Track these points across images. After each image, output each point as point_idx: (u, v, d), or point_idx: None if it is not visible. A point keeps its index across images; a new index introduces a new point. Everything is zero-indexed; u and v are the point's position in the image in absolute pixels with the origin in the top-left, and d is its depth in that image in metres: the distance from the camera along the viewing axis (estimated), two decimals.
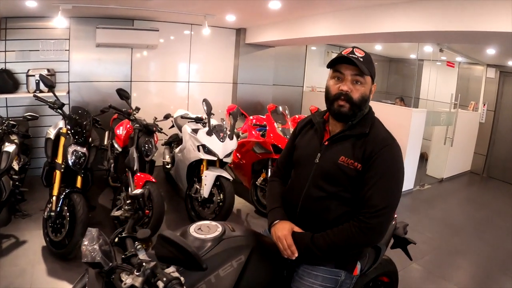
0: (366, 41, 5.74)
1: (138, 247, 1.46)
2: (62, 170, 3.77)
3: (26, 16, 5.53)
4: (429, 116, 6.38)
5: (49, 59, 5.83)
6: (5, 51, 5.55)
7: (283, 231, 1.79)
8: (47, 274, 3.37)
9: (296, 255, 1.74)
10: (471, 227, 5.21)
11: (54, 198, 3.61)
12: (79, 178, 3.89)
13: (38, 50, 5.76)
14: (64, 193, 3.62)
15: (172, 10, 5.35)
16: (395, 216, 2.37)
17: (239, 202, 5.28)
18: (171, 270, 1.33)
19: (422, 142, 6.38)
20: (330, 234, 1.71)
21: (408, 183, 6.43)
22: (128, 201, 1.58)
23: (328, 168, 1.78)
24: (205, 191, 4.27)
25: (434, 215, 5.53)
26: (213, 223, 1.75)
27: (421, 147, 6.40)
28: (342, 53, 1.76)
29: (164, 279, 1.27)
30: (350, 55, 1.72)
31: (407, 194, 6.34)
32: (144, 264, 1.34)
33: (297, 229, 1.82)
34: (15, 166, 4.30)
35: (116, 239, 1.62)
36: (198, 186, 4.44)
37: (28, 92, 5.36)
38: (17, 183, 4.28)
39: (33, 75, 5.36)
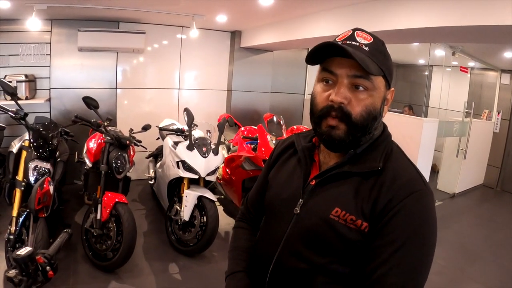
0: None
1: None
2: (22, 189, 3.39)
3: (4, 19, 5.19)
4: (441, 127, 5.88)
5: (29, 64, 5.48)
6: None
7: None
8: None
9: None
10: (489, 253, 4.69)
11: (13, 219, 3.25)
12: None
13: (18, 55, 5.40)
14: (23, 214, 3.24)
15: (157, 9, 4.94)
16: None
17: (227, 223, 4.80)
18: None
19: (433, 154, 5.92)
20: None
21: None
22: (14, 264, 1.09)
23: (313, 226, 1.11)
24: (186, 214, 3.78)
25: (446, 238, 4.99)
26: None
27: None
28: (336, 39, 1.12)
29: None
30: (348, 42, 1.08)
31: None
32: None
33: None
34: None
35: None
36: (178, 207, 3.96)
37: (5, 99, 4.96)
38: None
39: (10, 82, 4.94)
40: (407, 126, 5.64)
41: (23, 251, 1.17)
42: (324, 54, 1.09)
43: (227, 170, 4.68)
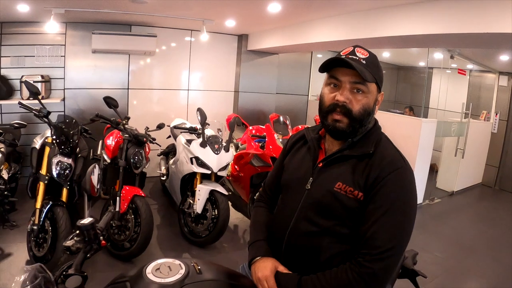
0: (372, 46, 5.47)
1: None
2: (46, 182, 3.61)
3: (21, 21, 5.42)
4: (440, 127, 6.10)
5: (44, 65, 5.71)
6: (0, 56, 5.45)
7: (264, 271, 1.47)
8: None
9: None
10: (485, 246, 4.88)
11: (37, 211, 3.45)
12: (64, 191, 3.70)
13: (34, 56, 5.63)
14: (47, 206, 3.45)
15: (169, 14, 5.17)
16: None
17: (236, 217, 5.04)
18: None
19: (432, 153, 6.09)
20: (322, 278, 1.37)
21: (418, 197, 6.10)
22: (77, 231, 1.30)
23: (321, 197, 1.44)
24: (198, 207, 4.01)
25: (444, 233, 5.21)
26: (176, 262, 1.38)
27: (431, 159, 6.13)
28: (341, 53, 1.44)
29: None
30: (350, 56, 1.40)
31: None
32: None
33: (282, 269, 1.49)
34: (4, 174, 4.15)
35: (62, 276, 1.35)
36: (191, 201, 4.19)
37: (22, 98, 5.19)
38: (6, 192, 4.11)
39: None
40: (406, 126, 5.86)
41: (86, 220, 1.40)
42: (332, 65, 1.43)
43: (236, 167, 4.91)
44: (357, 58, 1.40)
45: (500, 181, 7.82)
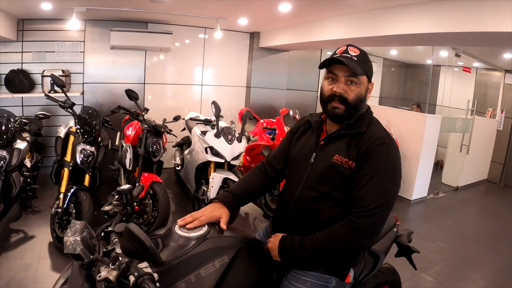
0: (378, 44, 5.68)
1: (115, 241, 1.46)
2: (70, 168, 3.87)
3: (42, 18, 5.67)
4: (444, 123, 6.26)
5: (64, 61, 5.97)
6: (22, 52, 5.72)
7: (204, 211, 1.72)
8: (51, 269, 3.42)
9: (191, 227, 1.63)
10: (485, 238, 5.02)
11: (61, 195, 3.70)
12: (87, 177, 3.97)
13: (54, 52, 5.90)
14: (71, 191, 3.70)
15: (184, 13, 5.42)
16: (397, 223, 2.32)
17: (247, 206, 5.22)
18: (144, 265, 1.31)
19: (438, 150, 6.24)
20: (319, 235, 1.63)
21: (422, 190, 6.32)
22: (116, 196, 1.57)
23: (323, 168, 1.70)
24: (212, 193, 4.24)
25: (447, 224, 5.37)
26: None
27: (437, 155, 6.27)
28: (336, 52, 1.71)
29: (136, 273, 1.25)
30: (343, 55, 1.67)
31: (420, 202, 6.23)
32: (120, 258, 1.34)
33: (224, 220, 1.70)
34: (27, 163, 4.38)
35: (102, 234, 1.60)
36: (205, 188, 4.43)
37: (43, 92, 5.45)
38: (28, 180, 4.35)
39: (48, 76, 5.43)
40: (411, 122, 6.07)
41: (125, 186, 1.66)
42: (330, 63, 1.70)
43: (248, 158, 5.13)
44: (350, 56, 1.66)
45: (506, 177, 7.92)
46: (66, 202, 3.65)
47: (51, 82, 5.15)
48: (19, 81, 5.48)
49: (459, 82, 7.70)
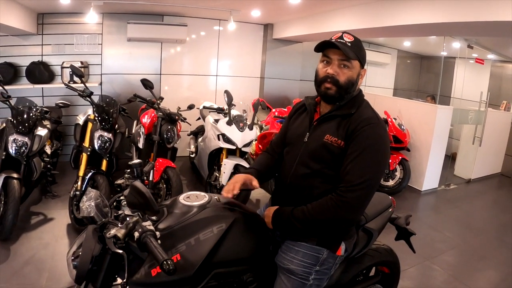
0: (389, 35, 5.69)
1: (124, 203, 1.64)
2: (88, 153, 4.07)
3: (61, 12, 5.86)
4: (456, 114, 6.23)
5: (83, 53, 6.18)
6: (42, 44, 5.94)
7: (237, 178, 1.95)
8: (69, 247, 3.56)
9: (236, 192, 1.84)
10: (493, 230, 5.01)
11: (79, 178, 3.92)
12: (104, 162, 4.17)
13: (73, 44, 6.11)
14: (89, 174, 3.91)
15: (199, 5, 5.55)
16: (393, 205, 2.42)
17: (259, 192, 5.38)
18: (148, 223, 1.47)
19: (451, 142, 6.17)
20: (309, 207, 1.76)
21: (433, 182, 6.31)
22: (128, 170, 1.76)
23: (315, 146, 1.83)
24: (224, 179, 4.39)
25: (456, 215, 5.37)
26: (202, 193, 1.88)
27: (451, 147, 6.18)
28: (332, 38, 1.80)
29: (140, 230, 1.41)
30: (338, 40, 1.76)
31: (430, 193, 6.23)
32: (127, 218, 1.51)
33: (255, 183, 1.94)
34: (48, 149, 4.58)
35: (115, 203, 1.77)
36: (217, 174, 4.58)
37: (62, 82, 5.64)
38: (48, 165, 4.53)
39: (67, 67, 5.62)
40: (422, 113, 6.07)
41: (136, 161, 1.83)
42: (325, 46, 1.80)
43: (260, 146, 5.27)
44: (344, 42, 1.76)
45: None
46: (84, 185, 3.85)
47: (70, 73, 5.35)
48: (39, 73, 5.70)
49: (474, 74, 7.63)
